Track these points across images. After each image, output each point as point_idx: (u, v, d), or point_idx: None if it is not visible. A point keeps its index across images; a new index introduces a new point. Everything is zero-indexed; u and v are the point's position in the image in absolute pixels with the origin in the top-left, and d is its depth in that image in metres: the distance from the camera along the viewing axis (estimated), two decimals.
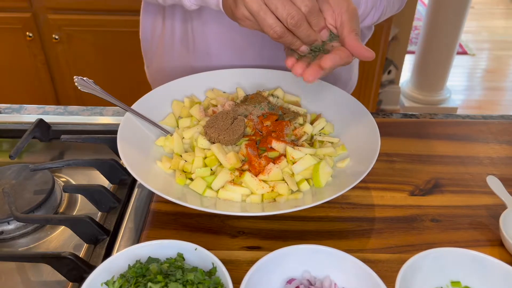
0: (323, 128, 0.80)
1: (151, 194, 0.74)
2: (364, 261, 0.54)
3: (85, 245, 0.67)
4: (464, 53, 3.81)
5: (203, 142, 0.73)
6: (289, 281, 0.56)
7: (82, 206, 0.75)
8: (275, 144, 0.72)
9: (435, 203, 0.74)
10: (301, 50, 0.66)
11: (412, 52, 3.16)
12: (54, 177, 0.77)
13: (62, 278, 0.61)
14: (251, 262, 0.55)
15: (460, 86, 3.37)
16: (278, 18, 0.61)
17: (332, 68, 0.62)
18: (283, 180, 0.69)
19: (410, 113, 0.97)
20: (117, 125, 0.74)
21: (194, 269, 0.53)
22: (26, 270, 0.65)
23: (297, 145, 0.74)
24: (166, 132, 0.78)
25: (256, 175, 0.69)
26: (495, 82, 3.45)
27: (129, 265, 0.54)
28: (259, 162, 0.70)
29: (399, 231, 0.69)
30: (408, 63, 3.29)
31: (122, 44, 2.03)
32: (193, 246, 0.55)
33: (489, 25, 4.34)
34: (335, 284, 0.56)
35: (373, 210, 0.72)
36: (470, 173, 0.80)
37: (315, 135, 0.79)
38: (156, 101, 0.82)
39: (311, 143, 0.77)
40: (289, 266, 0.56)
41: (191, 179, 0.70)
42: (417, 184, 0.77)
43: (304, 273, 0.57)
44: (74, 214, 0.74)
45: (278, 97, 0.85)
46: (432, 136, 0.89)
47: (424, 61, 2.77)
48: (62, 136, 0.81)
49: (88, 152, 0.87)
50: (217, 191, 0.68)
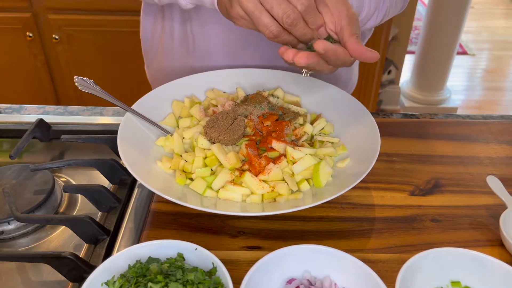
0: (323, 128, 0.80)
1: (151, 194, 0.74)
2: (364, 261, 0.54)
3: (85, 245, 0.67)
4: (464, 53, 3.81)
5: (203, 142, 0.73)
6: (289, 281, 0.56)
7: (82, 206, 0.75)
8: (275, 144, 0.72)
9: (435, 203, 0.74)
10: (298, 48, 0.64)
11: (412, 52, 3.17)
12: (54, 177, 0.77)
13: (62, 278, 0.61)
14: (251, 262, 0.55)
15: (460, 86, 3.37)
16: (274, 17, 0.60)
17: (331, 60, 0.60)
18: (283, 180, 0.69)
19: (410, 113, 0.97)
20: (117, 125, 0.74)
21: (195, 269, 0.53)
22: (27, 270, 0.65)
23: (297, 145, 0.74)
24: (166, 132, 0.78)
25: (256, 175, 0.69)
26: (495, 82, 3.45)
27: (129, 265, 0.54)
28: (259, 162, 0.70)
29: (399, 231, 0.69)
30: (408, 63, 3.29)
31: (122, 44, 2.03)
32: (193, 246, 0.55)
33: (489, 25, 4.34)
34: (335, 284, 0.56)
35: (373, 210, 0.72)
36: (470, 173, 0.80)
37: (315, 135, 0.79)
38: (156, 101, 0.82)
39: (311, 143, 0.77)
40: (289, 266, 0.56)
41: (191, 179, 0.70)
42: (417, 184, 0.77)
43: (304, 273, 0.57)
44: (74, 214, 0.74)
45: (278, 97, 0.85)
46: (432, 136, 0.89)
47: (424, 61, 2.77)
48: (62, 136, 0.81)
49: (88, 152, 0.87)
50: (217, 191, 0.68)
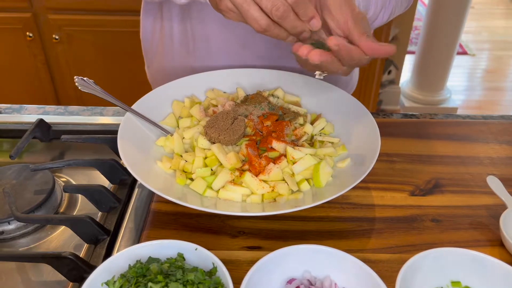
0: (323, 128, 0.80)
1: (152, 194, 0.74)
2: (365, 261, 0.54)
3: (86, 245, 0.67)
4: (464, 53, 3.81)
5: (204, 142, 0.73)
6: (290, 281, 0.56)
7: (83, 206, 0.75)
8: (276, 144, 0.72)
9: (435, 203, 0.74)
10: (288, 41, 0.63)
11: (412, 52, 3.17)
12: (55, 177, 0.77)
13: (63, 278, 0.61)
14: (252, 262, 0.55)
15: (460, 86, 3.37)
16: (263, 10, 0.58)
17: (345, 58, 0.59)
18: (284, 180, 0.69)
19: (410, 113, 0.97)
20: (118, 125, 0.74)
21: (195, 269, 0.53)
22: (27, 270, 0.65)
23: (298, 145, 0.74)
24: (167, 132, 0.78)
25: (257, 175, 0.69)
26: (495, 82, 3.45)
27: (130, 265, 0.54)
28: (260, 162, 0.70)
29: (399, 231, 0.69)
30: (408, 63, 3.29)
31: (122, 44, 2.03)
32: (194, 246, 0.55)
33: (489, 25, 4.34)
34: (336, 284, 0.56)
35: (374, 210, 0.72)
36: (470, 173, 0.80)
37: (316, 135, 0.79)
38: (157, 101, 0.82)
39: (311, 143, 0.77)
40: (290, 266, 0.56)
41: (192, 179, 0.70)
42: (417, 184, 0.77)
43: (305, 273, 0.57)
44: (75, 214, 0.74)
45: (279, 97, 0.85)
46: (432, 136, 0.89)
47: (424, 61, 2.77)
48: (63, 136, 0.81)
49: (89, 152, 0.87)
50: (218, 191, 0.68)
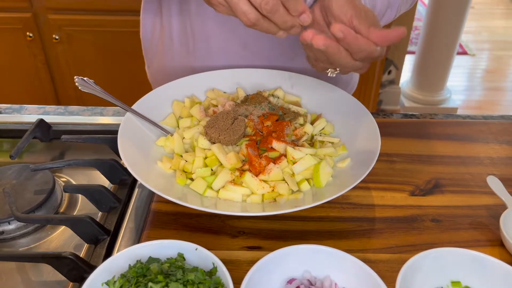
0: (324, 128, 0.80)
1: (152, 194, 0.74)
2: (365, 261, 0.54)
3: (86, 245, 0.67)
4: (464, 53, 3.81)
5: (204, 142, 0.73)
6: (290, 281, 0.56)
7: (83, 206, 0.75)
8: (276, 144, 0.72)
9: (436, 203, 0.74)
10: (279, 36, 0.63)
11: (412, 52, 3.17)
12: (55, 177, 0.77)
13: (63, 278, 0.61)
14: (252, 262, 0.55)
15: (460, 86, 3.37)
16: (252, 4, 0.58)
17: (353, 48, 0.58)
18: (284, 180, 0.69)
19: (411, 113, 0.97)
20: (118, 125, 0.74)
21: (195, 269, 0.53)
22: (27, 270, 0.65)
23: (298, 145, 0.74)
24: (167, 132, 0.78)
25: (257, 175, 0.69)
26: (495, 82, 3.45)
27: (130, 265, 0.54)
28: (260, 162, 0.70)
29: (400, 231, 0.69)
30: (408, 63, 3.30)
31: (122, 44, 2.03)
32: (194, 246, 0.55)
33: (489, 25, 4.34)
34: (336, 284, 0.56)
35: (374, 210, 0.72)
36: (471, 173, 0.80)
37: (316, 135, 0.79)
38: (157, 101, 0.82)
39: (312, 143, 0.77)
40: (290, 266, 0.56)
41: (192, 179, 0.70)
42: (418, 184, 0.77)
43: (305, 273, 0.57)
44: (75, 214, 0.74)
45: (279, 97, 0.85)
46: (433, 136, 0.89)
47: (424, 61, 2.77)
48: (63, 136, 0.81)
49: (89, 152, 0.87)
50: (218, 191, 0.68)
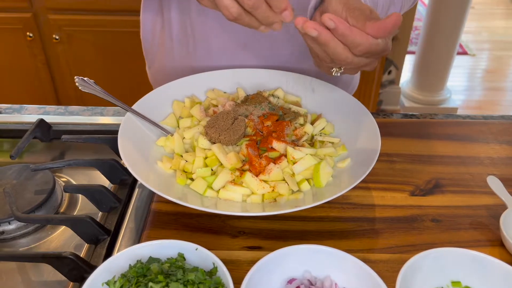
0: (324, 128, 0.80)
1: (152, 194, 0.74)
2: (365, 261, 0.54)
3: (86, 245, 0.67)
4: (464, 53, 3.81)
5: (204, 142, 0.73)
6: (290, 281, 0.56)
7: (83, 206, 0.75)
8: (276, 144, 0.72)
9: (436, 203, 0.74)
10: (261, 30, 0.63)
11: (412, 53, 3.17)
12: (55, 177, 0.77)
13: (63, 278, 0.61)
14: (252, 262, 0.55)
15: (461, 87, 3.37)
16: None
17: (348, 39, 0.57)
18: (284, 180, 0.69)
19: (411, 113, 0.97)
20: (118, 125, 0.74)
21: (195, 269, 0.53)
22: (27, 270, 0.65)
23: (298, 145, 0.74)
24: (167, 132, 0.78)
25: (257, 175, 0.69)
26: (495, 83, 3.45)
27: (130, 265, 0.54)
28: (260, 162, 0.70)
29: (400, 231, 0.69)
30: (408, 63, 3.29)
31: (122, 44, 2.03)
32: (194, 246, 0.55)
33: (489, 26, 4.34)
34: (336, 284, 0.56)
35: (374, 210, 0.72)
36: (471, 173, 0.80)
37: (316, 135, 0.79)
38: (157, 101, 0.82)
39: (312, 143, 0.77)
40: (290, 266, 0.56)
41: (192, 179, 0.70)
42: (418, 184, 0.77)
43: (305, 273, 0.57)
44: (75, 214, 0.74)
45: (279, 97, 0.85)
46: (433, 136, 0.89)
47: (424, 62, 2.77)
48: (63, 136, 0.81)
49: (89, 152, 0.87)
50: (218, 191, 0.68)
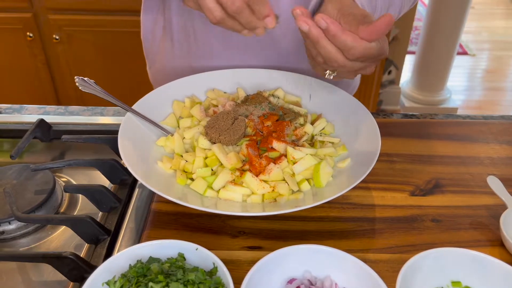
0: (324, 128, 0.80)
1: (152, 194, 0.74)
2: (365, 261, 0.54)
3: (86, 245, 0.67)
4: (465, 54, 3.81)
5: (204, 142, 0.73)
6: (290, 281, 0.56)
7: (83, 206, 0.75)
8: (276, 144, 0.72)
9: (436, 203, 0.74)
10: (243, 34, 0.64)
11: (413, 53, 3.17)
12: (55, 177, 0.77)
13: (63, 278, 0.61)
14: (252, 262, 0.55)
15: (461, 87, 3.37)
16: (219, 2, 0.59)
17: (339, 41, 0.58)
18: (284, 180, 0.69)
19: (411, 113, 0.97)
20: (118, 125, 0.74)
21: (195, 269, 0.53)
22: (27, 270, 0.65)
23: (298, 145, 0.74)
24: (167, 132, 0.78)
25: (257, 175, 0.69)
26: (495, 83, 3.45)
27: (130, 265, 0.54)
28: (260, 162, 0.70)
29: (400, 231, 0.69)
30: (409, 64, 3.29)
31: (123, 44, 2.03)
32: (194, 246, 0.55)
33: (489, 26, 4.34)
34: (336, 284, 0.56)
35: (374, 210, 0.72)
36: (471, 173, 0.80)
37: (316, 135, 0.79)
38: (157, 101, 0.82)
39: (312, 143, 0.77)
40: (290, 266, 0.56)
41: (192, 179, 0.70)
42: (418, 184, 0.77)
43: (305, 273, 0.57)
44: (75, 214, 0.74)
45: (279, 97, 0.85)
46: (433, 136, 0.89)
47: (425, 62, 2.77)
48: (63, 136, 0.81)
49: (89, 152, 0.87)
50: (218, 191, 0.68)
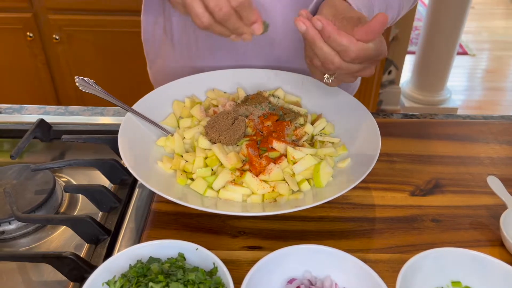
0: (324, 128, 0.80)
1: (152, 194, 0.74)
2: (365, 261, 0.54)
3: (86, 245, 0.67)
4: (465, 54, 3.81)
5: (204, 142, 0.73)
6: (290, 281, 0.56)
7: (83, 206, 0.75)
8: (276, 144, 0.72)
9: (436, 203, 0.74)
10: (232, 39, 0.65)
11: (413, 53, 3.16)
12: (55, 177, 0.77)
13: (63, 278, 0.61)
14: (252, 262, 0.55)
15: (461, 87, 3.37)
16: (207, 8, 0.60)
17: (334, 42, 0.58)
18: (284, 180, 0.69)
19: (411, 114, 0.97)
20: (118, 125, 0.74)
21: (195, 269, 0.53)
22: (27, 270, 0.65)
23: (298, 145, 0.74)
24: (167, 132, 0.78)
25: (257, 175, 0.69)
26: (495, 83, 3.45)
27: (130, 265, 0.54)
28: (260, 162, 0.70)
29: (400, 231, 0.69)
30: (409, 64, 3.29)
31: (122, 44, 2.03)
32: (194, 246, 0.55)
33: (489, 26, 4.34)
34: (336, 284, 0.56)
35: (374, 210, 0.72)
36: (471, 173, 0.80)
37: (316, 135, 0.79)
38: (157, 101, 0.82)
39: (312, 143, 0.77)
40: (290, 266, 0.56)
41: (192, 179, 0.70)
42: (418, 184, 0.77)
43: (305, 273, 0.57)
44: (75, 214, 0.74)
45: (279, 97, 0.85)
46: (433, 136, 0.89)
47: (425, 62, 2.77)
48: (63, 136, 0.81)
49: (89, 152, 0.87)
50: (218, 191, 0.68)
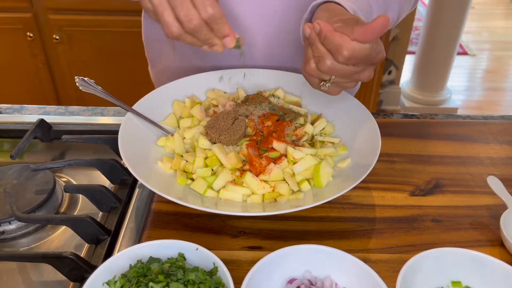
0: (324, 128, 0.80)
1: (152, 194, 0.74)
2: (365, 261, 0.54)
3: (86, 245, 0.67)
4: (465, 54, 3.81)
5: (204, 142, 0.73)
6: (290, 281, 0.56)
7: (83, 206, 0.76)
8: (276, 144, 0.72)
9: (436, 203, 0.74)
10: (204, 49, 0.64)
11: (413, 53, 3.17)
12: (55, 177, 0.77)
13: (63, 278, 0.61)
14: (252, 262, 0.55)
15: (461, 87, 3.37)
16: (177, 18, 0.59)
17: (332, 44, 0.58)
18: (284, 180, 0.69)
19: (411, 114, 0.97)
20: (118, 125, 0.74)
21: (195, 269, 0.53)
22: (27, 270, 0.65)
23: (298, 145, 0.74)
24: (167, 132, 0.78)
25: (257, 175, 0.69)
26: (496, 83, 3.45)
27: (130, 265, 0.54)
28: (260, 162, 0.70)
29: (400, 231, 0.69)
30: (409, 64, 3.29)
31: (123, 44, 2.03)
32: (194, 246, 0.55)
33: (490, 26, 4.34)
34: (336, 284, 0.56)
35: (374, 210, 0.72)
36: (471, 173, 0.80)
37: (316, 135, 0.79)
38: (157, 101, 0.82)
39: (312, 143, 0.77)
40: (290, 266, 0.56)
41: (192, 179, 0.70)
42: (418, 184, 0.77)
43: (305, 273, 0.57)
44: (75, 214, 0.75)
45: (279, 98, 0.85)
46: (433, 137, 0.89)
47: (425, 62, 2.77)
48: (63, 136, 0.81)
49: (89, 152, 0.87)
50: (218, 191, 0.68)
